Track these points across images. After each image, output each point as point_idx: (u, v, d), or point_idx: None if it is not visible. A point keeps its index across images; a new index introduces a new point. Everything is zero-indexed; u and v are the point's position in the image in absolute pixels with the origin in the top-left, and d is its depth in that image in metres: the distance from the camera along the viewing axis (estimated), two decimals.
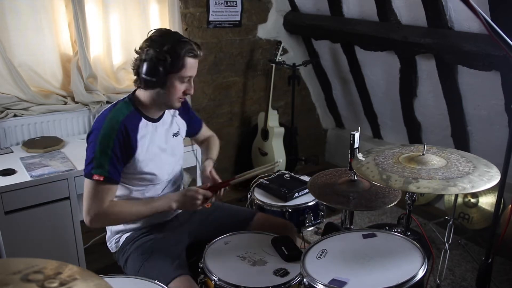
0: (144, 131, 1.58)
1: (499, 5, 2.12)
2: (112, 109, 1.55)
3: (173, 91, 1.53)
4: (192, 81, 1.57)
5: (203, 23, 3.19)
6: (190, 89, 1.57)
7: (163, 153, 1.65)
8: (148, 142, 1.59)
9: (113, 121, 1.49)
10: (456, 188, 1.35)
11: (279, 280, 1.40)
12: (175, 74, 1.50)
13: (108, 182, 1.47)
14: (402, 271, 1.28)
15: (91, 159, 1.47)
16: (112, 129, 1.48)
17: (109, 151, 1.46)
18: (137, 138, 1.54)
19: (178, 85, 1.53)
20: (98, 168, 1.45)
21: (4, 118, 2.47)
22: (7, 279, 0.56)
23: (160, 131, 1.65)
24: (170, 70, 1.48)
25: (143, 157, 1.56)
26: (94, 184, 1.47)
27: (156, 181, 1.63)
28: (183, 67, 1.49)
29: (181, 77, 1.52)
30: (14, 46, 2.46)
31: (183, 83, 1.54)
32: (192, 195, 1.59)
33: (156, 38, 1.50)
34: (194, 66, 1.54)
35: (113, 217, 1.52)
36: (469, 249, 2.69)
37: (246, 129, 3.70)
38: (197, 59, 1.54)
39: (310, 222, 2.00)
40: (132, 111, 1.56)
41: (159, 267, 1.52)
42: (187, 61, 1.49)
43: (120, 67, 2.87)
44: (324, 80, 3.89)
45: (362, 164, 1.57)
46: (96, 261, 2.49)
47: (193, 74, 1.55)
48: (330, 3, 3.17)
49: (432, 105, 3.06)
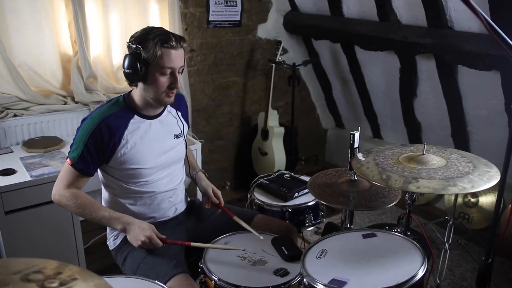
0: (135, 127, 1.60)
1: (499, 5, 2.12)
2: (103, 106, 1.62)
3: (156, 84, 1.54)
4: (176, 74, 1.55)
5: (203, 23, 3.19)
6: (175, 82, 1.56)
7: (159, 151, 1.66)
8: (138, 138, 1.60)
9: (96, 118, 1.55)
10: (456, 188, 1.35)
11: (279, 280, 1.40)
12: (153, 66, 1.51)
13: (74, 168, 1.56)
14: (402, 271, 1.28)
15: (71, 144, 1.59)
16: (92, 124, 1.54)
17: (81, 144, 1.54)
18: (124, 134, 1.57)
19: (159, 78, 1.53)
20: (72, 152, 1.56)
21: (4, 118, 2.47)
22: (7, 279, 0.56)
23: (156, 128, 1.66)
24: (145, 62, 1.50)
25: (129, 152, 1.58)
26: (66, 165, 1.59)
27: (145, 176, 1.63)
28: (158, 58, 1.49)
29: (160, 69, 1.51)
30: (14, 46, 2.46)
31: (165, 75, 1.53)
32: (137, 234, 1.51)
33: (135, 35, 1.55)
34: (174, 57, 1.52)
35: (70, 200, 1.57)
36: (469, 249, 2.69)
37: (246, 129, 3.70)
38: (176, 50, 1.52)
39: (310, 222, 2.00)
40: (122, 109, 1.60)
41: (158, 266, 1.52)
42: (162, 51, 1.49)
43: (120, 67, 2.86)
44: (324, 80, 3.89)
45: (362, 164, 1.57)
46: (96, 261, 2.49)
47: (174, 66, 1.53)
48: (330, 3, 3.17)
49: (432, 105, 3.06)
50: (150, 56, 1.49)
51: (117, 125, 1.56)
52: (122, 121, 1.58)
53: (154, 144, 1.64)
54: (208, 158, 3.47)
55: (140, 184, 1.64)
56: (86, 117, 1.60)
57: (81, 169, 1.56)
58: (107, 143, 1.54)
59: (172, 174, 1.73)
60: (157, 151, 1.65)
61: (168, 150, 1.69)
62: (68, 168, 1.58)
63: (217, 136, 3.56)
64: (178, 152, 1.74)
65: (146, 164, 1.62)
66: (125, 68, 1.54)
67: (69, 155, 1.57)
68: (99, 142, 1.54)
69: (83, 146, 1.53)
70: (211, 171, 3.53)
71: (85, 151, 1.53)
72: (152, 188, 1.67)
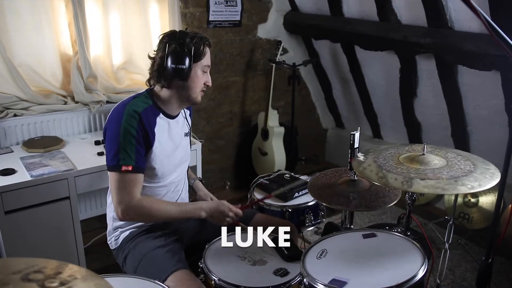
0: (161, 126, 1.61)
1: (499, 5, 2.12)
2: (131, 101, 1.57)
3: (197, 81, 1.59)
4: (208, 72, 1.65)
5: (203, 23, 3.19)
6: (209, 80, 1.65)
7: (175, 151, 1.68)
8: (164, 137, 1.61)
9: (132, 112, 1.51)
10: (465, 187, 1.34)
11: (279, 280, 1.40)
12: (198, 63, 1.57)
13: (136, 171, 1.49)
14: (402, 271, 1.28)
15: (116, 150, 1.48)
16: (133, 118, 1.50)
17: (133, 140, 1.48)
18: (155, 131, 1.57)
19: (200, 75, 1.60)
20: (125, 158, 1.47)
21: (4, 118, 2.47)
22: (7, 279, 0.56)
23: (175, 128, 1.68)
24: (194, 59, 1.54)
25: (158, 151, 1.58)
26: (123, 175, 1.48)
27: (163, 177, 1.65)
28: (204, 55, 1.58)
29: (202, 67, 1.60)
30: (14, 46, 2.46)
31: (205, 73, 1.62)
32: (224, 211, 1.61)
33: (172, 35, 1.57)
34: (210, 56, 1.63)
35: (144, 211, 1.52)
36: (469, 249, 2.69)
37: (246, 129, 3.70)
38: (210, 49, 1.63)
39: (310, 222, 2.00)
40: (150, 105, 1.60)
41: (159, 262, 1.53)
42: (206, 49, 1.59)
43: (120, 67, 2.86)
44: (324, 80, 3.89)
45: (364, 168, 1.53)
46: (96, 261, 2.49)
47: (210, 64, 1.64)
48: (330, 3, 3.17)
49: (432, 105, 3.06)
50: (198, 54, 1.56)
51: (150, 121, 1.56)
52: (153, 118, 1.58)
53: (172, 143, 1.66)
54: (208, 158, 3.47)
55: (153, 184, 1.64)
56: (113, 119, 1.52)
57: (142, 168, 1.51)
58: (149, 135, 1.54)
59: (180, 175, 1.76)
60: (173, 150, 1.66)
61: (179, 149, 1.71)
62: (124, 177, 1.48)
63: (217, 136, 3.56)
64: (186, 149, 1.78)
65: (164, 163, 1.62)
66: (171, 64, 1.52)
67: (122, 163, 1.46)
68: (146, 132, 1.51)
69: (135, 143, 1.48)
70: (211, 171, 3.54)
71: (139, 148, 1.49)
72: (162, 188, 1.68)
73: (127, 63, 2.87)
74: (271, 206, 2.01)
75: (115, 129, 1.49)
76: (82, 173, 2.19)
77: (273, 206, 2.00)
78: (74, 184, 2.16)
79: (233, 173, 3.74)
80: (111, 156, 1.50)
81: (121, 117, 1.50)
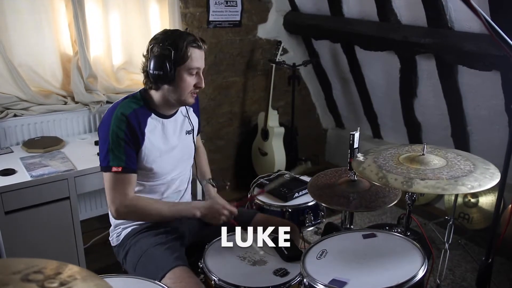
0: (153, 126, 1.60)
1: (499, 5, 2.12)
2: (121, 102, 1.59)
3: (183, 85, 1.55)
4: (201, 74, 1.60)
5: (203, 23, 3.19)
6: (201, 82, 1.60)
7: (173, 150, 1.67)
8: (157, 137, 1.61)
9: (120, 115, 1.52)
10: (465, 187, 1.34)
11: (279, 280, 1.40)
12: (182, 66, 1.53)
13: (126, 172, 1.51)
14: (402, 271, 1.28)
15: (106, 151, 1.51)
16: (121, 120, 1.51)
17: (122, 142, 1.50)
18: (145, 132, 1.57)
19: (187, 78, 1.55)
20: (114, 159, 1.49)
21: (4, 118, 2.47)
22: (7, 279, 0.56)
23: (171, 127, 1.67)
24: (176, 63, 1.51)
25: (149, 151, 1.58)
26: (114, 175, 1.51)
27: (160, 175, 1.65)
28: (188, 58, 1.52)
29: (188, 69, 1.54)
30: (14, 46, 2.46)
31: (192, 75, 1.57)
32: (218, 210, 1.62)
33: (159, 36, 1.55)
34: (200, 57, 1.57)
35: (136, 210, 1.56)
36: (469, 249, 2.69)
37: (246, 129, 3.70)
38: (201, 50, 1.57)
39: (310, 222, 2.00)
40: (141, 106, 1.59)
41: (158, 258, 1.53)
42: (191, 51, 1.53)
43: (120, 67, 2.87)
44: (324, 80, 3.89)
45: (364, 168, 1.54)
46: (96, 261, 2.49)
47: (200, 66, 1.58)
48: (330, 3, 3.17)
49: (432, 105, 3.06)
50: (180, 57, 1.51)
51: (139, 121, 1.56)
52: (143, 118, 1.59)
53: (168, 142, 1.65)
54: (208, 158, 3.44)
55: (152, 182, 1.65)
56: (104, 121, 1.55)
57: (132, 169, 1.53)
58: (138, 136, 1.54)
59: (182, 175, 1.75)
60: (169, 149, 1.66)
61: (178, 147, 1.70)
62: (115, 178, 1.51)
63: (217, 136, 3.56)
64: (187, 148, 1.76)
65: (157, 162, 1.62)
66: (152, 69, 1.51)
67: (111, 164, 1.49)
68: (134, 134, 1.52)
69: (124, 144, 1.50)
70: (211, 171, 3.53)
71: (128, 149, 1.51)
72: (161, 186, 1.68)
73: (127, 63, 2.87)
74: (271, 206, 2.01)
75: (105, 131, 1.53)
76: (82, 173, 2.19)
77: (273, 206, 2.00)
78: (74, 184, 2.16)
79: (233, 173, 3.74)
80: (102, 157, 1.54)
81: (110, 120, 1.53)
